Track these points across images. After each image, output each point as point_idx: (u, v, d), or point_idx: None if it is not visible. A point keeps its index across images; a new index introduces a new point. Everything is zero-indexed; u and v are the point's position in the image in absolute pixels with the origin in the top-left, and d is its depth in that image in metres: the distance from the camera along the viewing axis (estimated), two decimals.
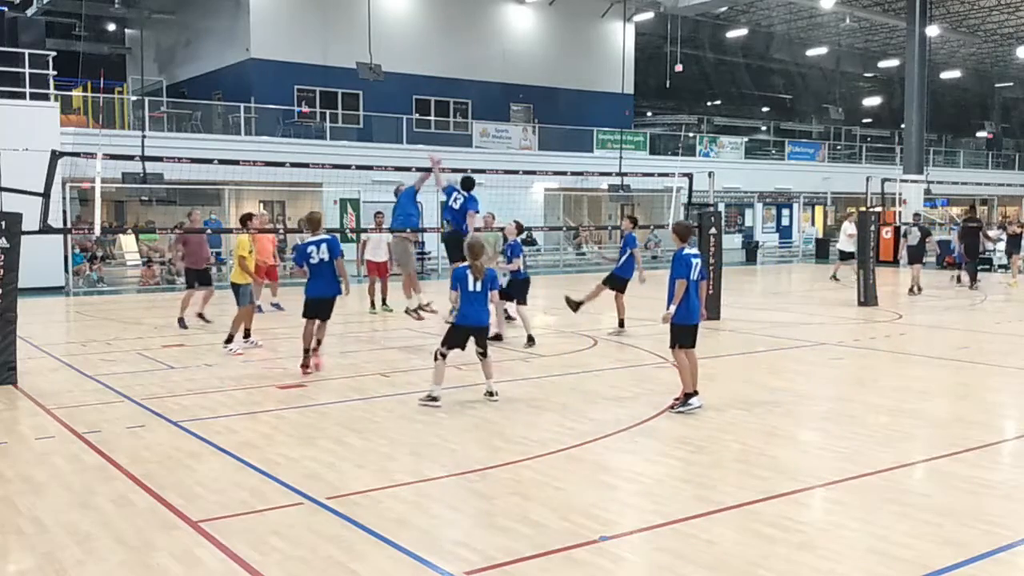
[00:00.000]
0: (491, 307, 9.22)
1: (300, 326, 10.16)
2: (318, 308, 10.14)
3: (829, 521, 5.38)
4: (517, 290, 12.33)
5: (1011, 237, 22.63)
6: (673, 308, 8.09)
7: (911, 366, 10.85)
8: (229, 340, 11.64)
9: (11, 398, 8.82)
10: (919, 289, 19.51)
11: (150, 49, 34.69)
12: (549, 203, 32.44)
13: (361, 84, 30.93)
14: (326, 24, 31.58)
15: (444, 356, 8.40)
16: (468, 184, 12.16)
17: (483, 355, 8.55)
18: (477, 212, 12.32)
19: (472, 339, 8.54)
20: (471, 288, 8.43)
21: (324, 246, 10.13)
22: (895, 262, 24.75)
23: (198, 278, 14.20)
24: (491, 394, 8.49)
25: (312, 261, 10.09)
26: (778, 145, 44.28)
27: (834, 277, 22.39)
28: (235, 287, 11.83)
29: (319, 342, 10.29)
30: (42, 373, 10.10)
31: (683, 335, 8.17)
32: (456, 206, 12.04)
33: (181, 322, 13.88)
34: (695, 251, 8.39)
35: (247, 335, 11.87)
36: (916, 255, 20.23)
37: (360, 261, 17.20)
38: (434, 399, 8.28)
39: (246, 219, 12.13)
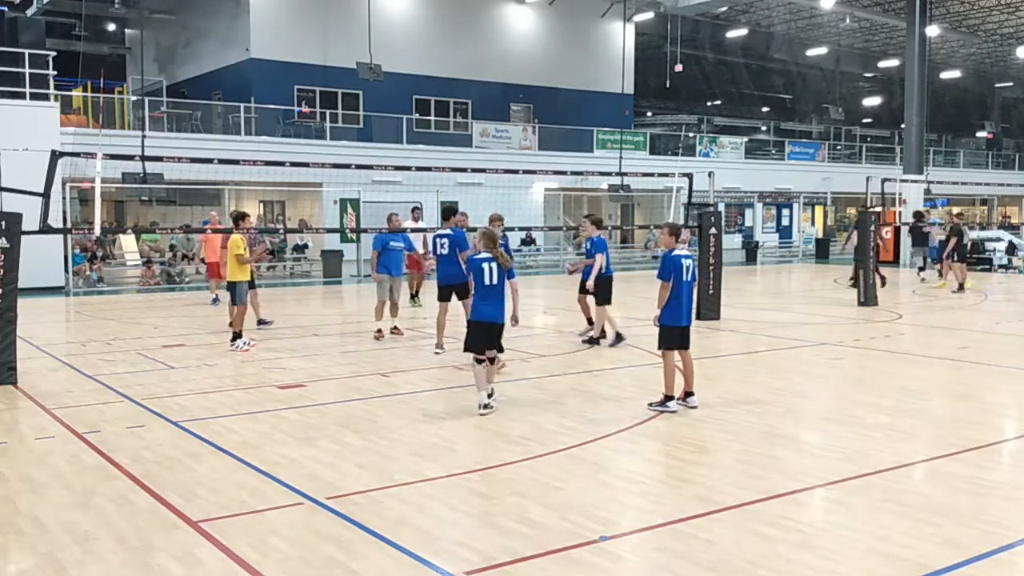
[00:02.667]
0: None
1: (299, 326, 10.13)
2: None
3: (829, 521, 5.38)
4: (598, 289, 11.70)
5: (919, 235, 22.37)
6: (659, 310, 8.05)
7: (911, 366, 10.84)
8: (235, 338, 11.79)
9: (11, 398, 8.81)
10: (963, 287, 19.48)
11: (150, 49, 34.72)
12: (549, 203, 32.46)
13: (361, 84, 30.96)
14: (326, 24, 31.60)
15: (480, 362, 8.02)
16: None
17: (491, 360, 8.20)
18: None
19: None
20: (487, 281, 7.99)
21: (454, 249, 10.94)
22: (896, 261, 24.74)
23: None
24: (488, 396, 8.44)
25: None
26: (778, 145, 44.32)
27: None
28: (231, 285, 12.00)
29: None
30: (42, 373, 10.10)
31: (669, 337, 8.09)
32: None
33: (262, 322, 13.58)
34: (686, 252, 8.22)
35: (239, 335, 11.92)
36: (959, 253, 20.24)
37: None
38: (486, 406, 7.93)
39: (239, 218, 12.24)
